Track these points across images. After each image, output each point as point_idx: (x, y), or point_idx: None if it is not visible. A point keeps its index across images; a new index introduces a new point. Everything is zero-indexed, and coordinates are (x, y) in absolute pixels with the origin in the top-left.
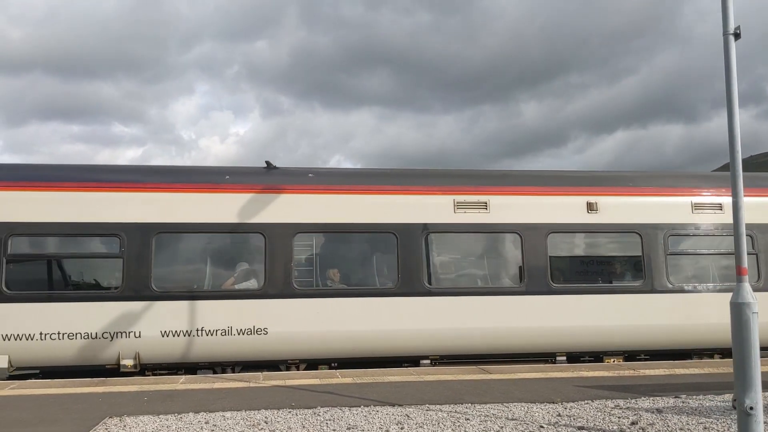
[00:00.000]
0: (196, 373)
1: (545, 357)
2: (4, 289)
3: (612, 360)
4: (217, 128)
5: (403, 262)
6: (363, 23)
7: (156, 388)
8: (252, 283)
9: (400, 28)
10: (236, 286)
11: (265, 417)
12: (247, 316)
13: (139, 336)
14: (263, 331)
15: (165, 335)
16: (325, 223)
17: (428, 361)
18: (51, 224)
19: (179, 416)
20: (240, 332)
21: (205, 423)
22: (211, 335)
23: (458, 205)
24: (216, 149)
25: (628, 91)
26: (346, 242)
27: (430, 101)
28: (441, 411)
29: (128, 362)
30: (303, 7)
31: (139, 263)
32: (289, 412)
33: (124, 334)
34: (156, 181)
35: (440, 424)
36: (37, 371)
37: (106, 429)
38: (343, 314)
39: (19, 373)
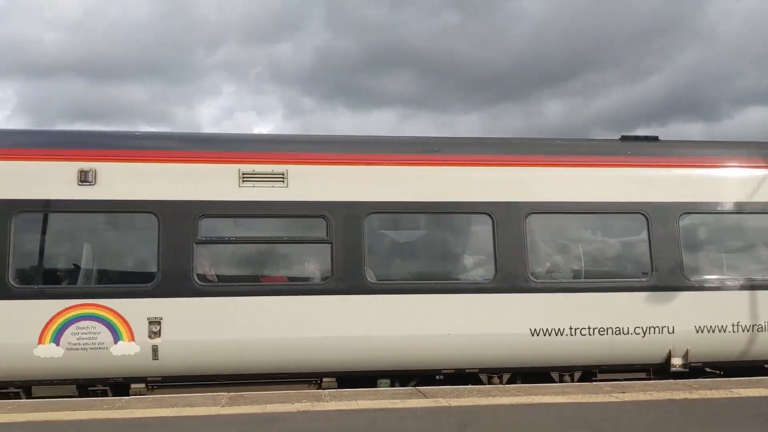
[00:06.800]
0: None
1: None
2: None
3: None
4: (241, 128)
5: None
6: (387, 24)
7: None
8: None
9: (425, 30)
10: None
11: None
12: None
13: None
14: None
15: None
16: None
17: None
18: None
19: None
20: None
21: None
22: None
23: None
24: None
25: (650, 90)
26: None
27: (451, 101)
28: None
29: None
30: (328, 9)
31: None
32: None
33: None
34: None
35: None
36: None
37: None
38: None
39: None
